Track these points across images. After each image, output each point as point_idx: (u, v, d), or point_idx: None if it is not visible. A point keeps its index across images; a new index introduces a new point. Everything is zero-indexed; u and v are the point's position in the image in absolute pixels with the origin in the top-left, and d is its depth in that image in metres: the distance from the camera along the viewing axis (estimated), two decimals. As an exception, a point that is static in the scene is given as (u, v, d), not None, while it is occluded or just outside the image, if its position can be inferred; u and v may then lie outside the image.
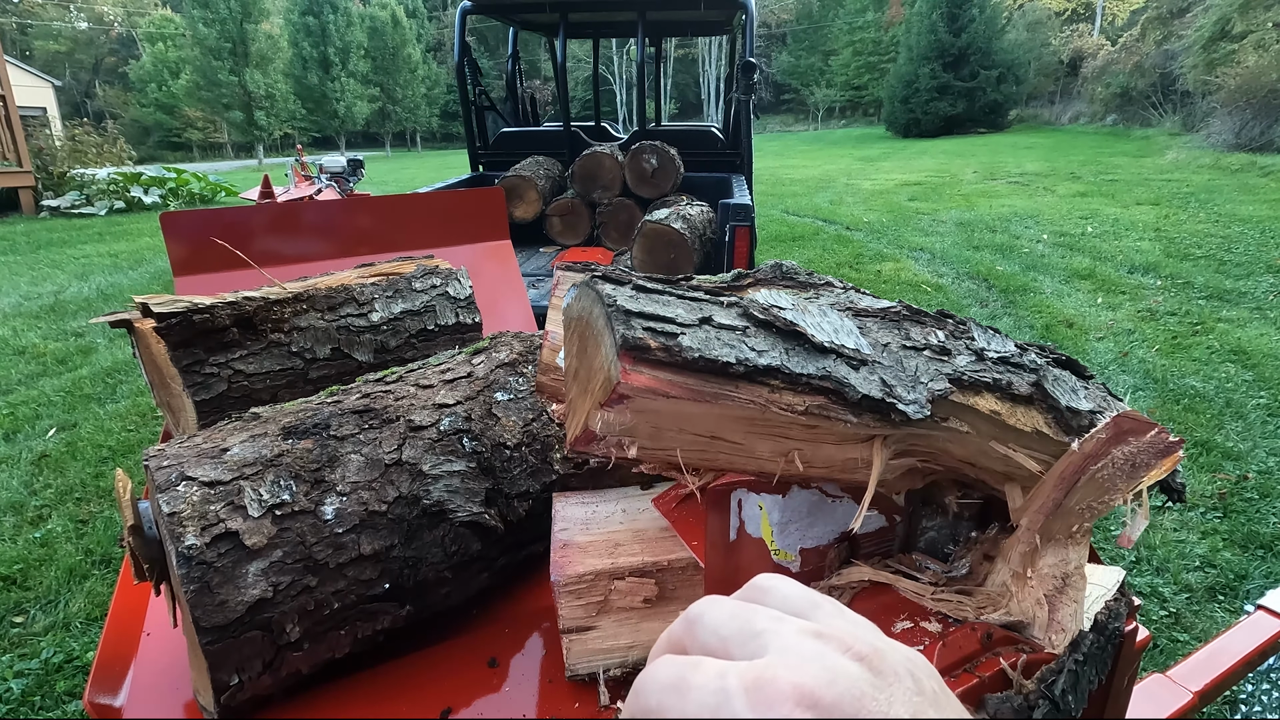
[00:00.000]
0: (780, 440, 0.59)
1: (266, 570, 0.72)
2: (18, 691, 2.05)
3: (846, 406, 0.54)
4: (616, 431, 0.57)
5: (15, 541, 2.77)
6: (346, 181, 7.85)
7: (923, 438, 0.61)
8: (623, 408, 0.54)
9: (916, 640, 0.59)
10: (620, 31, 5.94)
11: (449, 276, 1.45)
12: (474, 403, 0.98)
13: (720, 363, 0.52)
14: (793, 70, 44.93)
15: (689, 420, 0.57)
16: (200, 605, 0.68)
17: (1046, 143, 20.27)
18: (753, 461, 0.62)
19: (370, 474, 0.83)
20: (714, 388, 0.53)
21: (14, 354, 4.85)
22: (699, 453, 0.60)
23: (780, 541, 0.64)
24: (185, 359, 1.16)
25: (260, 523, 0.74)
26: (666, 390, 0.52)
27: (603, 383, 0.54)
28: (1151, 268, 6.19)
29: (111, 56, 47.09)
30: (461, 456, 0.91)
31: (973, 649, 0.55)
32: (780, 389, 0.54)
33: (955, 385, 0.57)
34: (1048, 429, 0.59)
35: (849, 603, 0.64)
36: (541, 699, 0.83)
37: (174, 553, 0.70)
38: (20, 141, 11.22)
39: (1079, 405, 0.60)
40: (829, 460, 0.61)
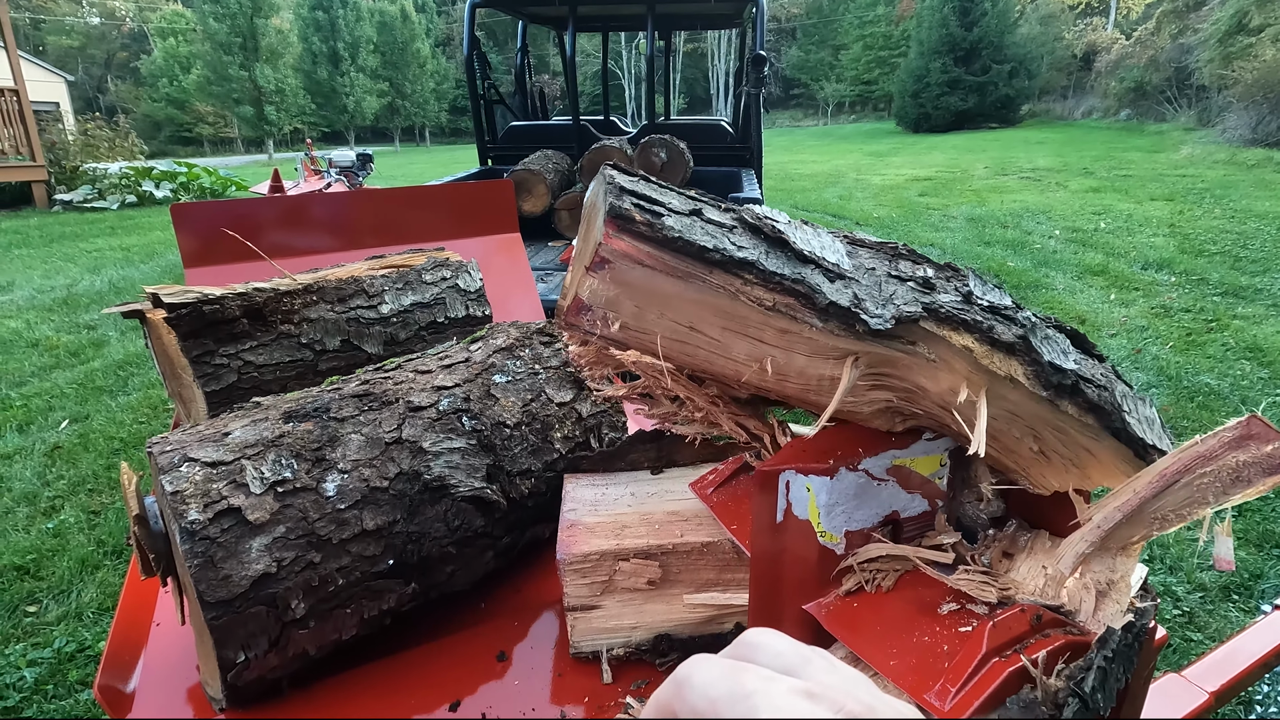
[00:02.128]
0: (755, 344, 0.62)
1: (270, 546, 0.72)
2: (31, 680, 2.06)
3: (814, 311, 0.57)
4: (602, 303, 0.61)
5: (29, 532, 2.80)
6: (355, 176, 7.87)
7: (892, 363, 0.62)
8: (605, 274, 0.59)
9: (964, 622, 0.58)
10: (629, 25, 5.92)
11: (459, 269, 1.45)
12: (472, 385, 0.98)
13: (697, 246, 0.56)
14: (802, 65, 44.68)
15: (668, 304, 0.61)
16: (204, 580, 0.68)
17: (1059, 138, 20.08)
18: (729, 364, 0.65)
19: (371, 452, 0.83)
20: (689, 267, 0.57)
21: (28, 346, 4.89)
22: (679, 345, 0.64)
23: (826, 523, 0.64)
24: (195, 350, 1.17)
25: (262, 499, 0.74)
26: (642, 259, 0.57)
27: (592, 249, 0.59)
28: (1165, 264, 6.12)
29: (123, 51, 47.37)
30: (461, 434, 0.91)
31: (1022, 630, 0.54)
32: (752, 283, 0.57)
33: (929, 314, 0.58)
34: (1025, 380, 0.58)
35: (891, 587, 0.64)
36: (551, 693, 0.82)
37: (177, 530, 0.70)
38: (34, 136, 11.31)
39: (1064, 364, 0.59)
40: (801, 373, 0.64)
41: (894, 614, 0.61)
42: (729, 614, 0.89)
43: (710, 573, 0.87)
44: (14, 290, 6.38)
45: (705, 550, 0.86)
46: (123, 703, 0.81)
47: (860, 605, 0.63)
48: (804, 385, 0.65)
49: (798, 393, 0.67)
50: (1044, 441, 0.63)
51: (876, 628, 0.61)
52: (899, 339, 0.60)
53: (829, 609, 0.64)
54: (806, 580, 0.66)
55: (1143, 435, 0.61)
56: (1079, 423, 0.60)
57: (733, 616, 0.89)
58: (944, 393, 0.62)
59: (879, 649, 0.59)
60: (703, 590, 0.87)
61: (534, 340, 1.15)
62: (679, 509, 0.92)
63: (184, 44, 36.21)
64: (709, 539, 0.86)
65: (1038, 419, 0.61)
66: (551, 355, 1.13)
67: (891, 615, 0.61)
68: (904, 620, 0.61)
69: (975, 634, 0.55)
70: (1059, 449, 0.63)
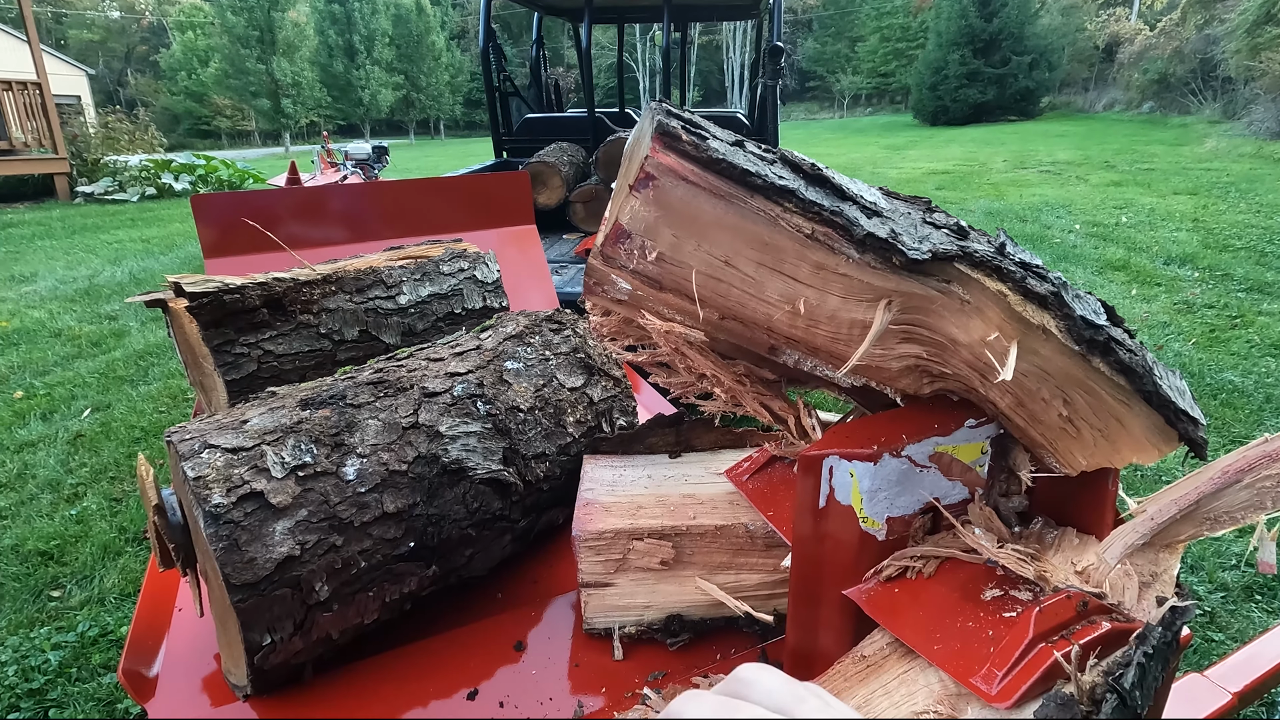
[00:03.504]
0: (789, 282, 0.63)
1: (293, 529, 0.72)
2: (55, 663, 2.10)
3: (851, 241, 0.57)
4: (641, 229, 0.62)
5: (53, 518, 2.85)
6: (371, 168, 7.92)
7: (924, 308, 0.61)
8: (649, 193, 0.59)
9: (1008, 608, 0.58)
10: (645, 16, 5.89)
11: (477, 260, 1.45)
12: (485, 371, 0.99)
13: (740, 168, 0.57)
14: (818, 57, 44.28)
15: (705, 234, 0.61)
16: (229, 563, 0.68)
17: (1079, 130, 19.78)
18: (761, 306, 0.65)
19: (388, 436, 0.84)
20: (730, 188, 0.58)
21: (51, 336, 4.97)
22: (713, 282, 0.65)
23: (869, 509, 0.63)
24: (216, 339, 1.18)
25: (284, 483, 0.74)
26: (687, 175, 0.58)
27: (637, 169, 0.60)
28: (1189, 259, 6.02)
29: (143, 45, 47.83)
30: (477, 419, 0.92)
31: (1068, 616, 0.53)
32: (791, 210, 0.58)
33: (964, 256, 0.58)
34: (1058, 332, 0.57)
35: (932, 573, 0.63)
36: (568, 684, 0.82)
37: (201, 515, 0.70)
38: (56, 129, 11.45)
39: (1097, 320, 0.58)
40: (833, 317, 0.63)
41: (936, 600, 0.61)
42: (740, 598, 0.89)
43: (723, 556, 0.88)
44: (38, 281, 6.47)
45: (719, 533, 0.86)
46: (146, 688, 0.82)
47: (901, 591, 0.63)
48: (834, 332, 0.65)
49: (827, 342, 0.66)
50: (1073, 406, 0.62)
51: (919, 613, 0.60)
52: (934, 276, 0.59)
53: (870, 594, 0.64)
54: (847, 566, 0.66)
55: (1175, 400, 0.59)
56: (1110, 382, 0.58)
57: (744, 601, 0.89)
58: (975, 344, 0.61)
59: (922, 634, 0.58)
60: (715, 573, 0.88)
61: (543, 328, 1.15)
62: (695, 492, 0.92)
63: (202, 37, 36.50)
64: (723, 522, 0.86)
65: (1068, 378, 0.60)
66: (561, 342, 1.13)
67: (934, 601, 0.61)
68: (947, 606, 0.60)
69: (1021, 619, 0.55)
70: (1088, 417, 0.62)
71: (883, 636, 0.63)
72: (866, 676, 0.61)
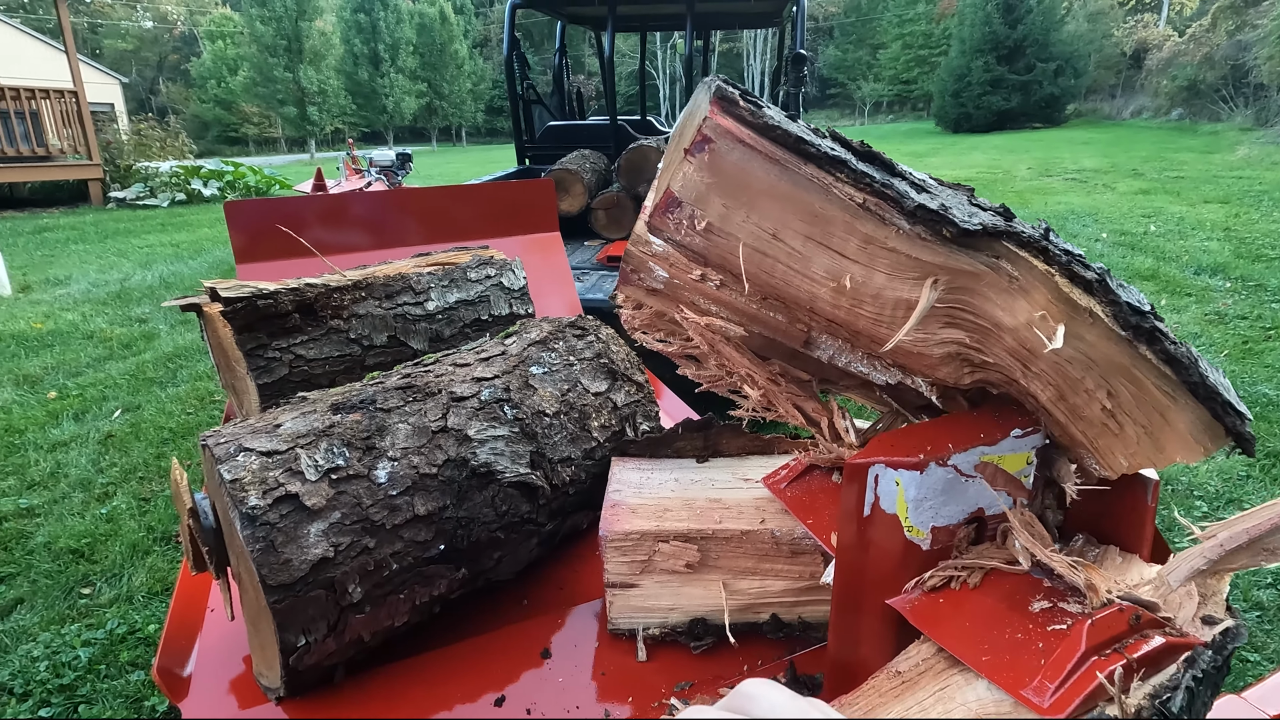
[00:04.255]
0: (836, 258, 0.62)
1: (327, 531, 0.73)
2: (85, 660, 2.14)
3: (902, 212, 0.58)
4: (692, 198, 0.63)
5: (83, 516, 2.90)
6: (395, 175, 8.02)
7: (971, 288, 0.61)
8: (704, 156, 0.60)
9: (1057, 620, 0.57)
10: (668, 25, 5.91)
11: (504, 267, 1.46)
12: (511, 376, 1.00)
13: (794, 135, 0.58)
14: (839, 64, 44.15)
15: (755, 204, 0.61)
16: (266, 564, 0.69)
17: (1106, 138, 19.49)
18: (805, 284, 0.65)
19: (418, 440, 0.85)
20: (784, 154, 0.59)
21: (83, 338, 5.08)
22: (759, 257, 0.65)
23: (914, 518, 0.63)
24: (250, 343, 1.19)
25: (318, 485, 0.75)
26: (743, 138, 0.59)
27: (693, 133, 0.60)
28: (1220, 269, 5.89)
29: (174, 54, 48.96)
30: (504, 423, 0.92)
31: (1121, 630, 0.53)
32: (843, 180, 0.58)
33: (1012, 236, 0.58)
34: (1105, 317, 0.57)
35: (977, 584, 0.63)
36: (596, 692, 0.82)
37: (237, 517, 0.71)
38: (91, 136, 11.75)
39: (1142, 308, 0.58)
40: (878, 296, 0.63)
41: (982, 611, 0.60)
42: (765, 604, 0.89)
43: (748, 561, 0.87)
44: (71, 284, 6.63)
45: (744, 538, 0.86)
46: (180, 688, 0.83)
47: (946, 601, 0.62)
48: (877, 313, 0.65)
49: (869, 325, 0.66)
50: (1117, 399, 0.61)
51: (965, 624, 0.59)
52: (983, 251, 0.59)
53: (914, 604, 0.63)
54: (890, 575, 0.65)
55: (1223, 392, 0.58)
56: (1157, 371, 0.58)
57: (768, 608, 0.89)
58: (1020, 327, 0.61)
59: (969, 645, 0.57)
60: (740, 578, 0.87)
61: (567, 333, 1.16)
62: (721, 497, 0.92)
63: (232, 47, 37.27)
64: (749, 527, 0.86)
65: (1113, 366, 0.59)
66: (585, 347, 1.14)
67: (980, 612, 0.60)
68: (993, 617, 0.59)
69: (1073, 632, 0.54)
70: (1132, 411, 0.61)
71: (918, 652, 0.62)
72: (901, 693, 0.60)
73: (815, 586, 0.88)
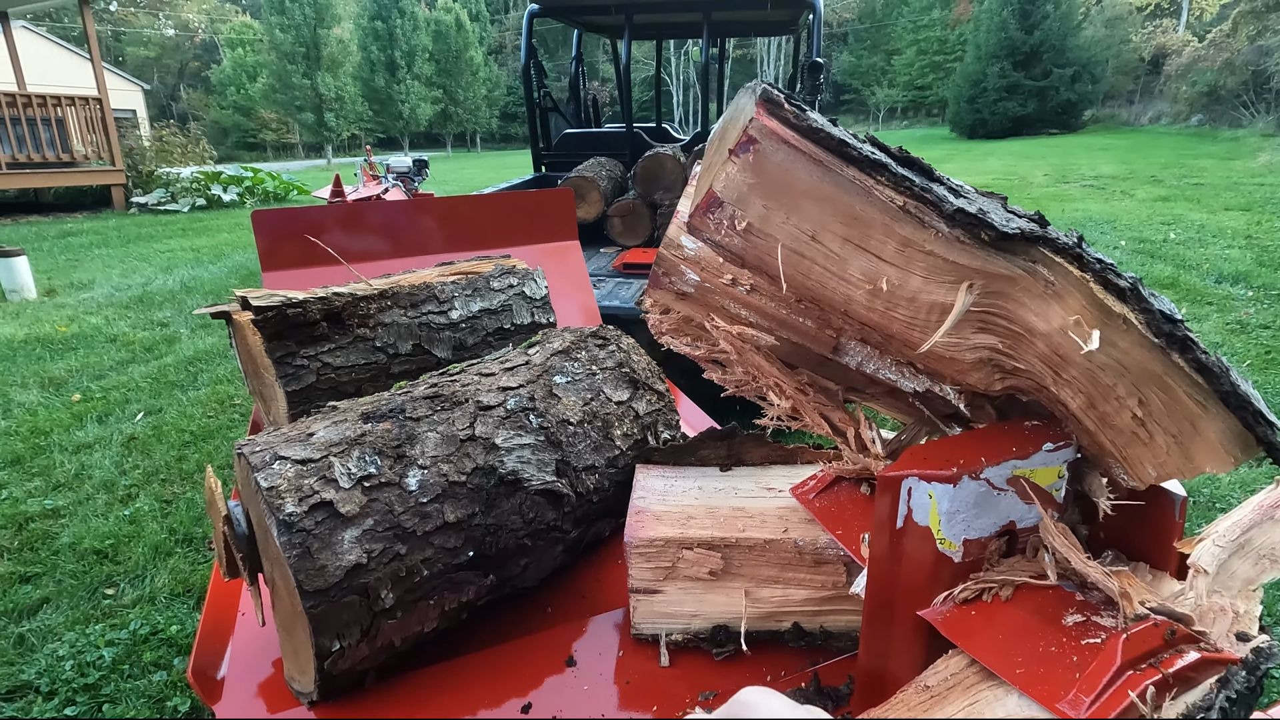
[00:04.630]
0: (873, 260, 0.63)
1: (360, 537, 0.75)
2: (109, 659, 2.17)
3: (941, 215, 0.59)
4: (734, 198, 0.64)
5: (107, 518, 2.95)
6: (412, 181, 8.09)
7: (1006, 293, 0.62)
8: (748, 157, 0.61)
9: (1091, 634, 0.57)
10: (685, 32, 5.94)
11: (526, 276, 1.47)
12: (535, 385, 1.01)
13: (837, 138, 0.60)
14: (854, 70, 44.07)
15: (796, 206, 0.63)
16: (302, 569, 0.71)
17: (1124, 144, 19.31)
18: (841, 286, 0.66)
19: (447, 448, 0.86)
20: (827, 157, 0.60)
21: (106, 341, 5.17)
22: (797, 258, 0.66)
23: (946, 531, 0.64)
24: (279, 350, 1.22)
25: (351, 493, 0.77)
26: (789, 138, 0.60)
27: (737, 134, 0.62)
28: (1242, 277, 5.82)
29: (195, 61, 49.74)
30: (530, 431, 0.94)
31: (1156, 644, 0.53)
32: (884, 183, 0.60)
33: (1049, 240, 0.59)
34: (1139, 324, 0.57)
35: (1009, 597, 0.63)
36: (619, 699, 0.83)
37: (274, 523, 0.73)
38: (114, 142, 11.96)
39: (1175, 315, 0.58)
40: (913, 299, 0.64)
41: (1015, 623, 0.61)
42: (787, 613, 0.89)
43: (771, 570, 0.88)
44: (95, 288, 6.74)
45: (768, 547, 0.87)
46: (214, 690, 0.85)
47: (978, 614, 0.63)
48: (911, 317, 0.65)
49: (903, 328, 0.67)
50: (1148, 407, 0.61)
51: (998, 636, 0.60)
52: (1020, 256, 0.60)
53: (945, 616, 0.63)
54: (922, 587, 0.66)
55: (1254, 401, 0.58)
56: (1188, 379, 0.58)
57: (790, 616, 0.89)
58: (1053, 333, 0.61)
59: (1002, 657, 0.58)
60: (763, 586, 0.88)
61: (589, 343, 1.17)
62: (745, 506, 0.93)
63: (251, 54, 37.80)
64: (772, 536, 0.87)
65: (1145, 374, 0.60)
66: (606, 357, 1.15)
67: (1012, 625, 0.60)
68: (1026, 630, 0.60)
69: (1108, 646, 0.54)
70: (1162, 420, 0.61)
71: (947, 666, 0.63)
72: (930, 707, 0.60)
73: (838, 596, 0.88)
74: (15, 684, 2.11)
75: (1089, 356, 0.60)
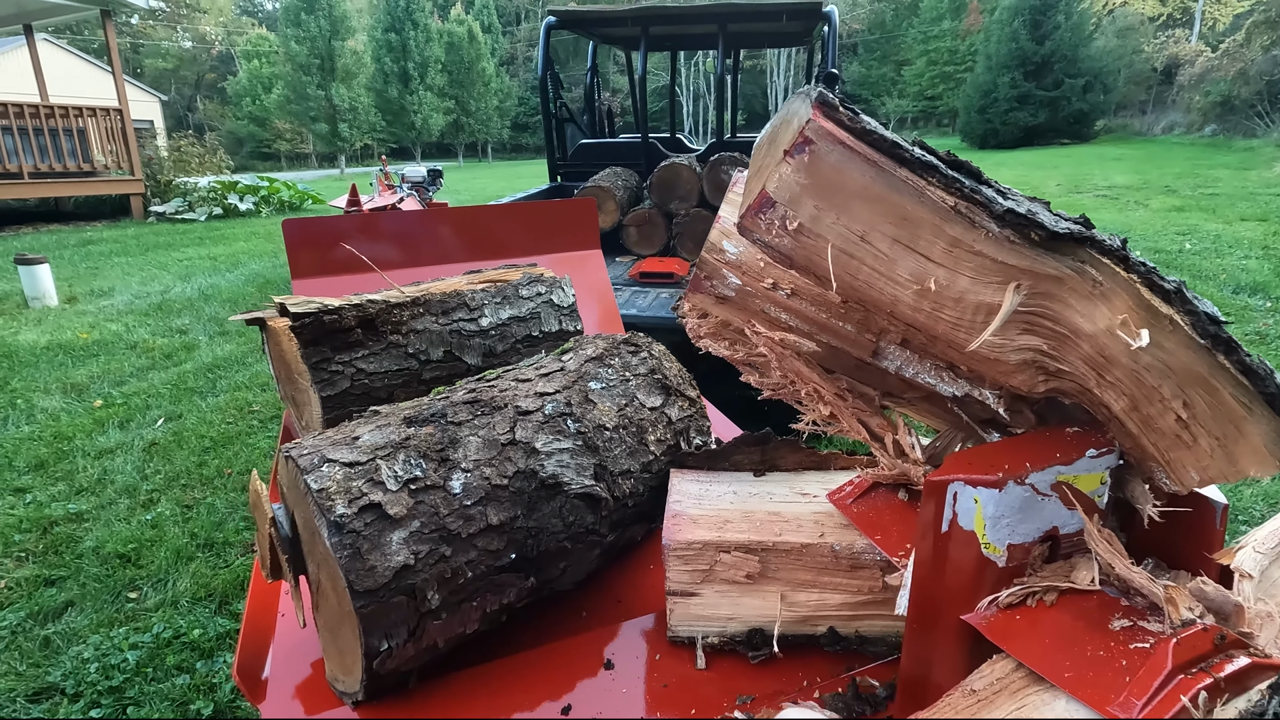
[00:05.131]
0: (921, 261, 0.64)
1: (407, 539, 0.76)
2: (133, 662, 2.20)
3: (991, 215, 0.60)
4: (786, 199, 0.65)
5: (129, 522, 2.98)
6: (426, 190, 8.16)
7: (1053, 294, 0.63)
8: (803, 157, 0.63)
9: (1138, 639, 0.58)
10: (700, 44, 5.98)
11: (553, 284, 1.49)
12: (571, 391, 1.02)
13: (890, 140, 0.62)
14: (864, 80, 44.16)
15: (847, 207, 0.64)
16: (353, 570, 0.72)
17: (1137, 154, 19.22)
18: (888, 287, 0.67)
19: (489, 452, 0.87)
20: (881, 158, 0.62)
21: (127, 348, 5.24)
22: (845, 259, 0.67)
23: (991, 535, 0.64)
24: (315, 356, 1.24)
25: (398, 495, 0.78)
26: (844, 139, 0.61)
27: (792, 135, 0.63)
28: (1260, 288, 5.78)
29: (211, 73, 50.47)
30: (568, 436, 0.95)
31: (1205, 649, 0.53)
32: (935, 184, 0.61)
33: (1096, 242, 0.60)
34: (1185, 326, 0.58)
35: (1053, 603, 0.64)
36: (658, 703, 0.84)
37: (325, 524, 0.74)
38: (134, 152, 12.15)
39: (1219, 318, 0.60)
40: (960, 300, 0.65)
41: (1061, 628, 0.61)
42: (822, 617, 0.90)
43: (807, 574, 0.89)
44: (115, 295, 6.84)
45: (804, 551, 0.87)
46: (259, 690, 0.86)
47: (1023, 618, 0.63)
48: (958, 318, 0.66)
49: (948, 329, 0.68)
50: (1193, 408, 0.61)
51: (1044, 640, 0.60)
52: (1069, 256, 0.61)
53: (990, 620, 0.64)
54: (966, 591, 0.66)
55: None
56: (1234, 381, 0.58)
57: (826, 620, 0.90)
58: (1099, 334, 0.62)
59: (1049, 661, 0.58)
60: (799, 590, 0.89)
61: (621, 350, 1.19)
62: (780, 510, 0.94)
63: (267, 65, 38.29)
64: (809, 541, 0.88)
65: (1190, 375, 0.60)
66: (639, 363, 1.16)
67: (1058, 629, 0.61)
68: (1073, 634, 0.60)
69: (1158, 650, 0.55)
70: (1206, 423, 0.62)
71: (993, 670, 0.63)
72: (978, 711, 0.61)
73: (873, 601, 0.89)
74: (42, 685, 2.13)
75: (1134, 357, 0.61)
